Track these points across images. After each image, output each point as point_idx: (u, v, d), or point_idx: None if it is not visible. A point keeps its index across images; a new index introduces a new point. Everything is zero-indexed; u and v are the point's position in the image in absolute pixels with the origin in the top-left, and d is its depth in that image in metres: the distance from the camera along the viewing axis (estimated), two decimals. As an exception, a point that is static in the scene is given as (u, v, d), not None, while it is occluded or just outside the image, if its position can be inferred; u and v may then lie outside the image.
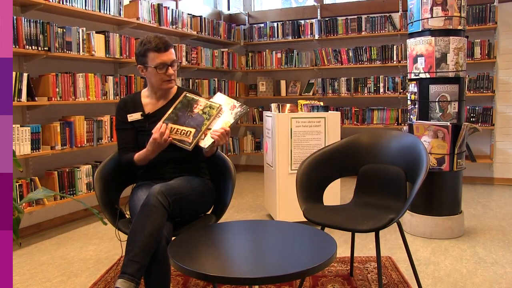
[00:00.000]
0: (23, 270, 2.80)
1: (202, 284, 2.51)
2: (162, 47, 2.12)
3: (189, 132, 2.07)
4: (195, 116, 2.10)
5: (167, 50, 2.14)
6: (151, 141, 2.06)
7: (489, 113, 5.13)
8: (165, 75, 2.15)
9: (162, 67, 2.14)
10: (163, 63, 2.13)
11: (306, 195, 2.34)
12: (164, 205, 1.88)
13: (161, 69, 2.14)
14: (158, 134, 2.03)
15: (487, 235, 3.33)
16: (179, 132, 2.08)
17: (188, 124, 2.09)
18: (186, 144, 2.06)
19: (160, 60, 2.12)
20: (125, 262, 1.79)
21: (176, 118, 2.10)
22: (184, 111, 2.12)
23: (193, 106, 2.12)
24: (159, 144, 2.05)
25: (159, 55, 2.12)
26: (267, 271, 1.55)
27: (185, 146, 2.06)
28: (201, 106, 2.12)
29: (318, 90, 5.88)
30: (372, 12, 5.64)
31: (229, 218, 3.85)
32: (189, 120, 2.10)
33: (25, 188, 3.25)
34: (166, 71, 2.15)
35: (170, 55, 2.15)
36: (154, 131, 2.05)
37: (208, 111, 2.11)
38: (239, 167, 6.47)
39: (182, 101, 2.14)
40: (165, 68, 2.14)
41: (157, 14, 4.63)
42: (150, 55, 2.13)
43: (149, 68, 2.16)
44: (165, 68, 2.14)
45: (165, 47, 2.13)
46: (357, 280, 2.53)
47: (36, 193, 2.04)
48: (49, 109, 3.58)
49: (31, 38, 3.27)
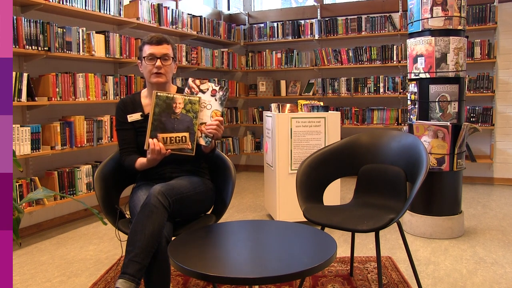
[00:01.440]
0: (23, 270, 2.80)
1: (202, 284, 2.51)
2: (155, 41, 2.19)
3: (184, 137, 2.03)
4: (181, 118, 2.05)
5: (159, 44, 2.19)
6: (150, 159, 2.05)
7: (489, 113, 5.13)
8: (154, 67, 2.18)
9: (151, 59, 2.18)
10: (153, 55, 2.18)
11: (306, 195, 2.34)
12: (165, 205, 1.88)
13: (150, 60, 2.18)
14: (155, 154, 2.00)
15: (487, 235, 3.33)
16: (173, 140, 2.03)
17: (178, 129, 2.04)
18: (187, 151, 2.04)
19: (150, 51, 2.18)
20: (125, 262, 1.79)
21: (162, 125, 2.03)
22: (166, 115, 2.04)
23: (173, 106, 2.04)
24: (158, 159, 2.05)
25: (151, 47, 2.19)
26: (267, 271, 1.55)
27: (187, 153, 2.04)
28: (181, 105, 2.05)
29: (318, 90, 5.88)
30: (372, 12, 5.65)
31: (229, 218, 3.85)
32: (176, 123, 2.04)
33: (25, 188, 3.25)
34: (155, 63, 2.17)
35: (162, 49, 2.19)
36: (148, 151, 2.02)
37: (191, 108, 2.05)
38: (239, 167, 6.47)
39: (157, 103, 2.03)
40: (154, 60, 2.18)
41: (157, 14, 4.63)
42: (144, 48, 2.21)
43: (142, 61, 2.22)
44: (155, 60, 2.18)
45: (158, 41, 2.19)
46: (357, 280, 2.53)
47: (36, 193, 2.04)
48: (49, 109, 3.58)
49: (31, 38, 3.27)
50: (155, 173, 2.21)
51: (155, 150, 2.00)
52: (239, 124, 6.30)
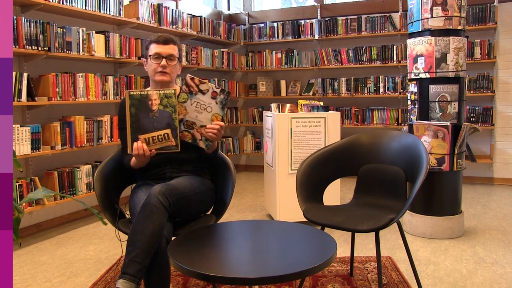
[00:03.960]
0: (23, 270, 2.80)
1: (202, 284, 2.51)
2: (162, 40, 2.21)
3: (166, 134, 1.99)
4: (160, 115, 1.99)
5: (166, 43, 2.21)
6: (137, 162, 2.06)
7: (489, 113, 5.13)
8: (159, 66, 2.19)
9: (157, 58, 2.20)
10: (158, 54, 2.20)
11: (306, 195, 2.34)
12: (165, 205, 1.88)
13: (155, 59, 2.20)
14: (141, 157, 1.99)
15: (487, 235, 3.33)
16: (156, 139, 1.99)
17: (158, 127, 1.99)
18: (172, 148, 2.01)
19: (156, 50, 2.20)
20: (125, 263, 1.79)
21: (141, 126, 1.97)
22: (144, 114, 1.97)
23: (148, 103, 1.98)
24: (146, 160, 2.05)
25: (157, 46, 2.21)
26: (267, 271, 1.55)
27: (172, 150, 2.01)
28: (157, 101, 1.98)
29: (318, 90, 5.88)
30: (372, 12, 5.64)
31: (229, 218, 3.85)
32: (156, 121, 1.98)
33: (25, 188, 3.25)
34: (160, 62, 2.19)
35: (168, 49, 2.21)
36: (133, 153, 2.00)
37: (168, 102, 1.99)
38: (239, 167, 6.47)
39: (132, 103, 1.96)
40: (160, 59, 2.19)
41: (157, 14, 4.63)
42: (150, 47, 2.23)
43: (148, 60, 2.24)
44: (160, 59, 2.19)
45: (165, 41, 2.21)
46: (357, 280, 2.53)
47: (36, 193, 2.04)
48: (49, 109, 3.58)
49: (31, 38, 3.27)
50: (155, 173, 2.21)
51: (139, 154, 1.98)
52: (239, 124, 6.30)
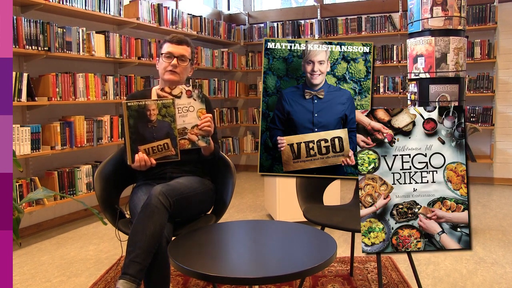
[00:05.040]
0: (23, 270, 2.80)
1: (202, 284, 2.51)
2: (175, 40, 2.23)
3: (166, 144, 2.00)
4: (159, 125, 1.99)
5: (179, 44, 2.22)
6: (135, 166, 2.05)
7: (489, 113, 5.13)
8: (169, 65, 2.20)
9: (168, 57, 2.21)
10: (171, 53, 2.21)
11: (306, 195, 2.34)
12: (165, 205, 1.88)
13: (167, 58, 2.21)
14: (142, 167, 2.01)
15: (487, 235, 3.33)
16: (156, 149, 1.99)
17: (157, 137, 1.99)
18: (172, 157, 2.02)
19: (169, 49, 2.21)
20: (126, 263, 1.79)
21: (141, 136, 1.97)
22: (142, 125, 1.97)
23: (147, 114, 1.97)
24: (144, 169, 2.05)
25: (170, 45, 2.22)
26: (267, 271, 1.55)
27: (172, 159, 2.03)
28: (155, 111, 1.98)
29: (318, 90, 5.87)
30: (372, 12, 5.64)
31: (229, 218, 3.84)
32: (155, 132, 1.99)
33: (25, 188, 3.25)
34: (171, 62, 2.19)
35: (181, 49, 2.22)
36: (135, 165, 2.00)
37: (166, 112, 1.99)
38: (239, 167, 6.47)
39: (130, 114, 1.95)
40: (171, 58, 2.20)
41: (157, 14, 4.63)
42: (164, 46, 2.25)
43: (160, 58, 2.25)
44: (172, 58, 2.20)
45: (178, 41, 2.23)
46: (357, 280, 2.53)
47: (36, 193, 2.05)
48: (49, 109, 3.58)
49: (31, 38, 3.27)
50: (156, 173, 2.20)
51: (141, 166, 2.00)
52: (239, 124, 6.30)
